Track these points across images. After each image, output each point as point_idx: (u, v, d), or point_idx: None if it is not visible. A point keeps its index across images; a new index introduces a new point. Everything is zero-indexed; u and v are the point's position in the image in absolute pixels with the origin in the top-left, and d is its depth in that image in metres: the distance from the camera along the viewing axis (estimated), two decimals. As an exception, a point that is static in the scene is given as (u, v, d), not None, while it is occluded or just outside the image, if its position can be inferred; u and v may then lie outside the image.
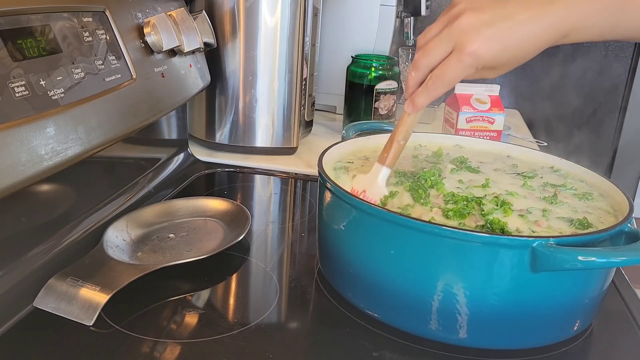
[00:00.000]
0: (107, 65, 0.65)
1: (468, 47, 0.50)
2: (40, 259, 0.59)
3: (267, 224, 0.78)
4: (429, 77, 0.54)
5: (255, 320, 0.55)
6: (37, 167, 0.52)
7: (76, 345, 0.50)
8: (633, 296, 0.63)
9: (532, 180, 0.65)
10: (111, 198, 0.74)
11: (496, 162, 0.72)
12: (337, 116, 1.32)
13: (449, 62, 0.51)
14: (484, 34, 0.49)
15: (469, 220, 0.54)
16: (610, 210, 0.59)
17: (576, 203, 0.60)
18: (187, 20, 0.82)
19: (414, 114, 0.58)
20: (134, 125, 0.68)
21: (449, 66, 0.51)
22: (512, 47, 0.50)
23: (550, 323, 0.52)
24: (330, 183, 0.57)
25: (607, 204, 0.60)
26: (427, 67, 0.53)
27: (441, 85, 0.53)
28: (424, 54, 0.53)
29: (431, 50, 0.52)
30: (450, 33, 0.51)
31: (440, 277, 0.50)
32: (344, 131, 0.78)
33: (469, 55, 0.50)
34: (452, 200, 0.56)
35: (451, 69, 0.51)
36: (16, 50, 0.53)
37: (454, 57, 0.51)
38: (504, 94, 1.62)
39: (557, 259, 0.46)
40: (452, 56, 0.51)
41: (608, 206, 0.60)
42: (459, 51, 0.50)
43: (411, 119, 0.58)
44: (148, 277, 0.57)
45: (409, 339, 0.53)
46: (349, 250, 0.56)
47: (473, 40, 0.50)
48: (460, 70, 0.51)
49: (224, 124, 1.01)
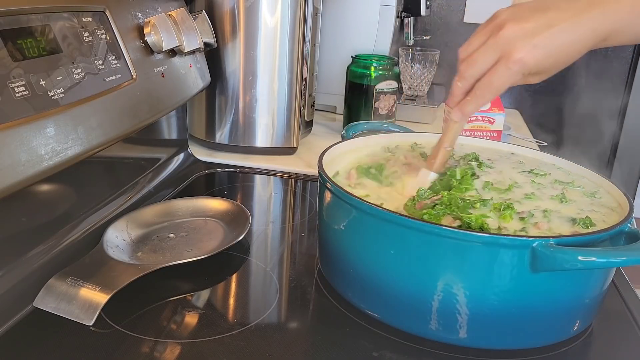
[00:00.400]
0: (107, 65, 0.65)
1: (515, 55, 0.52)
2: (40, 259, 0.59)
3: (267, 224, 0.78)
4: (476, 86, 0.56)
5: (255, 320, 0.55)
6: (37, 167, 0.52)
7: (76, 345, 0.50)
8: (633, 296, 0.63)
9: (543, 177, 0.66)
10: (111, 198, 0.74)
11: (502, 159, 0.72)
12: (337, 116, 1.32)
13: (497, 70, 0.54)
14: (529, 42, 0.52)
15: (445, 220, 0.54)
16: (615, 207, 0.59)
17: (584, 201, 0.60)
18: (187, 20, 0.82)
19: (460, 122, 0.60)
20: (134, 125, 0.68)
21: (497, 74, 0.54)
22: (555, 53, 0.53)
23: (550, 323, 0.52)
24: (330, 183, 0.57)
25: (613, 199, 0.61)
26: (474, 76, 0.56)
27: (489, 93, 0.56)
28: (469, 64, 0.56)
29: (477, 60, 0.55)
30: (495, 43, 0.54)
31: (440, 277, 0.50)
32: (344, 131, 0.78)
33: (516, 63, 0.53)
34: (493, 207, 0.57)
35: (499, 76, 0.54)
36: (16, 50, 0.53)
37: (502, 65, 0.53)
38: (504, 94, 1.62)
39: (557, 259, 0.46)
40: (499, 64, 0.54)
41: (614, 202, 0.60)
42: (507, 59, 0.53)
43: (457, 126, 0.61)
44: (148, 277, 0.57)
45: (409, 339, 0.53)
46: (349, 250, 0.56)
47: (519, 48, 0.52)
48: (508, 77, 0.54)
49: (224, 124, 1.01)
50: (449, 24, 1.66)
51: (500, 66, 0.54)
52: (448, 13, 1.65)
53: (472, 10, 1.63)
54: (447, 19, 1.65)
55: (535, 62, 0.53)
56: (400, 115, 1.25)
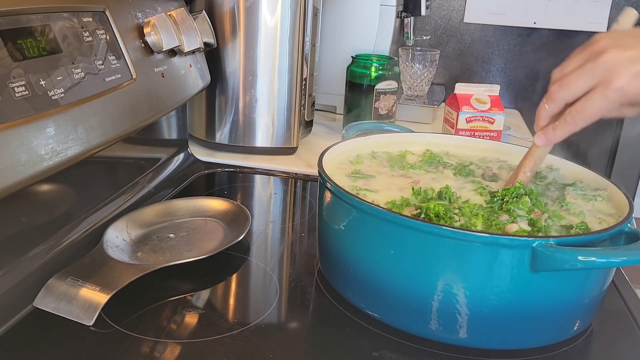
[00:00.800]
0: (107, 65, 0.65)
1: (615, 82, 0.50)
2: (40, 259, 0.59)
3: (267, 224, 0.78)
4: (567, 111, 0.54)
5: (255, 320, 0.55)
6: (37, 167, 0.52)
7: (76, 345, 0.50)
8: (633, 296, 0.63)
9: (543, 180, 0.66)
10: (111, 198, 0.74)
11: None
12: (337, 116, 1.32)
13: (593, 97, 0.52)
14: (631, 71, 0.50)
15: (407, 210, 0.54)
16: (613, 212, 0.59)
17: (583, 205, 0.60)
18: (187, 20, 0.82)
19: (544, 148, 0.58)
20: (134, 125, 0.68)
21: (593, 100, 0.52)
22: None
23: (550, 323, 0.52)
24: (330, 183, 0.57)
25: (612, 205, 0.60)
26: (564, 100, 0.54)
27: (581, 120, 0.53)
28: (562, 86, 0.53)
29: (571, 83, 0.53)
30: (594, 68, 0.51)
31: (440, 277, 0.50)
32: (344, 131, 0.78)
33: (615, 91, 0.51)
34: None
35: (594, 103, 0.52)
36: (16, 50, 0.53)
37: (599, 92, 0.51)
38: (504, 94, 1.62)
39: (557, 259, 0.46)
40: (596, 91, 0.52)
41: (612, 208, 0.60)
42: (605, 86, 0.51)
43: (540, 151, 0.59)
44: (148, 277, 0.57)
45: (409, 339, 0.53)
46: (349, 250, 0.56)
47: (620, 76, 0.50)
48: (603, 105, 0.52)
49: (224, 124, 1.01)
50: (449, 24, 1.66)
51: (597, 93, 0.51)
52: (448, 13, 1.65)
53: (472, 10, 1.63)
54: (447, 19, 1.65)
55: (636, 92, 0.51)
56: (400, 115, 1.25)
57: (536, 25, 1.60)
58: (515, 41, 1.63)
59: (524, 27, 1.61)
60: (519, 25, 1.62)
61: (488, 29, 1.64)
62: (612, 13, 1.58)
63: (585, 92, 0.52)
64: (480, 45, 1.66)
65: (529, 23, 1.61)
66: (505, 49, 1.65)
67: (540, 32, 1.61)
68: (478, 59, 1.67)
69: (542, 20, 1.60)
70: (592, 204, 0.60)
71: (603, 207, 0.60)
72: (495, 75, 1.68)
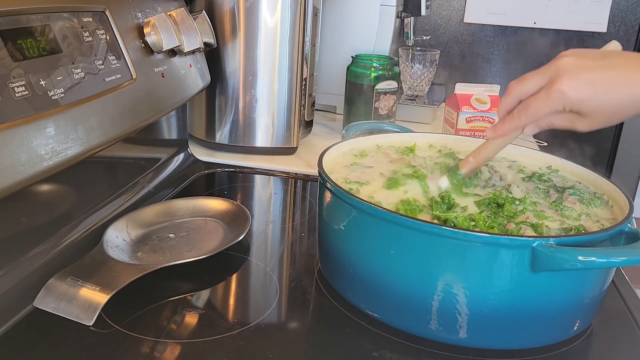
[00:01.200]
0: (107, 65, 0.65)
1: (558, 84, 0.52)
2: (40, 259, 0.59)
3: (267, 224, 0.78)
4: (516, 107, 0.56)
5: (255, 320, 0.55)
6: (37, 167, 0.52)
7: (76, 345, 0.50)
8: (633, 296, 0.63)
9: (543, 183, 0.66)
10: (111, 198, 0.74)
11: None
12: (337, 116, 1.32)
13: (537, 95, 0.54)
14: (578, 76, 0.52)
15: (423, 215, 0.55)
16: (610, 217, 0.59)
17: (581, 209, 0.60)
18: (187, 20, 0.82)
19: (495, 140, 0.59)
20: (134, 125, 0.68)
21: (537, 98, 0.54)
22: (600, 96, 0.51)
23: (550, 323, 0.52)
24: (330, 183, 0.57)
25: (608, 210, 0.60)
26: (517, 95, 0.56)
27: (525, 117, 0.55)
28: (518, 82, 0.56)
29: (526, 80, 0.55)
30: (547, 68, 0.54)
31: (440, 277, 0.50)
32: (344, 131, 0.78)
33: (556, 92, 0.52)
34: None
35: (537, 101, 0.54)
36: (16, 50, 0.53)
37: (543, 91, 0.53)
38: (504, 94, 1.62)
39: (557, 259, 0.46)
40: (542, 90, 0.53)
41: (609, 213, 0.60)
42: (549, 86, 0.53)
43: (490, 144, 0.60)
44: (148, 277, 0.57)
45: (409, 339, 0.53)
46: (349, 250, 0.56)
47: (565, 79, 0.52)
48: (545, 104, 0.53)
49: (224, 124, 1.01)
50: (449, 24, 1.66)
51: (542, 92, 0.53)
52: (448, 13, 1.65)
53: (472, 10, 1.63)
54: (447, 19, 1.65)
55: (576, 97, 0.52)
56: (400, 115, 1.25)
57: (536, 25, 1.61)
58: (515, 41, 1.63)
59: (524, 27, 1.62)
60: (519, 25, 1.62)
61: (488, 29, 1.64)
62: (612, 13, 1.58)
63: (536, 89, 0.54)
64: (480, 45, 1.66)
65: (529, 23, 1.61)
66: (505, 49, 1.65)
67: (540, 32, 1.61)
68: (478, 59, 1.67)
69: (542, 20, 1.60)
70: (590, 208, 0.60)
71: (600, 212, 0.60)
72: (495, 75, 1.68)
